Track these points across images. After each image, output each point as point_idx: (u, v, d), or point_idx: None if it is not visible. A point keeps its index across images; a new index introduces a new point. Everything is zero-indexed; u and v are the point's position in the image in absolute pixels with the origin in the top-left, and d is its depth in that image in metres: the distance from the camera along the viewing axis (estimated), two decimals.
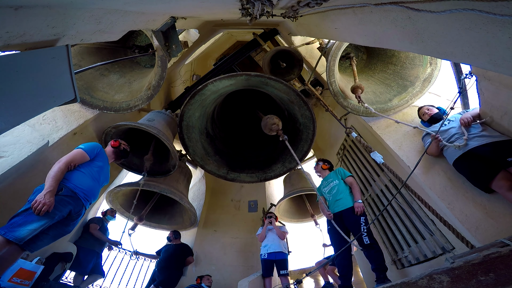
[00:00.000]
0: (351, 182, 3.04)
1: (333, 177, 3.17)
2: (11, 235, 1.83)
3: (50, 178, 2.10)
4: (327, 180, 3.24)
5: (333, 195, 3.00)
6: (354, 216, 2.73)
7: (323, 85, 4.35)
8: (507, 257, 1.11)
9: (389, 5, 1.20)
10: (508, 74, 1.05)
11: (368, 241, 2.54)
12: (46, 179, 2.11)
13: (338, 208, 2.88)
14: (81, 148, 2.43)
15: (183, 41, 4.10)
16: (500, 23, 0.84)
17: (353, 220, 2.72)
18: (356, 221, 2.69)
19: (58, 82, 1.59)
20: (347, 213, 2.79)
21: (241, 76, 2.79)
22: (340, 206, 2.88)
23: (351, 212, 2.77)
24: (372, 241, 2.56)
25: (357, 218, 2.70)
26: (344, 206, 2.85)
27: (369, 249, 2.53)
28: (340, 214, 2.84)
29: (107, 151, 2.70)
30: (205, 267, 5.00)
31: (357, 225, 2.66)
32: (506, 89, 2.05)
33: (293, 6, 1.86)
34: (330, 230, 2.89)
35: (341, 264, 2.73)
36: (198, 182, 6.43)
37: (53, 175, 2.13)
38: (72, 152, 2.38)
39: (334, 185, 3.07)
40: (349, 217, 2.76)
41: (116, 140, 2.79)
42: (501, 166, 2.10)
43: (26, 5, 1.12)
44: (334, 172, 3.27)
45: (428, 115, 2.89)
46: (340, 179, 3.10)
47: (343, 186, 3.02)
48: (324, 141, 5.47)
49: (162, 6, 2.02)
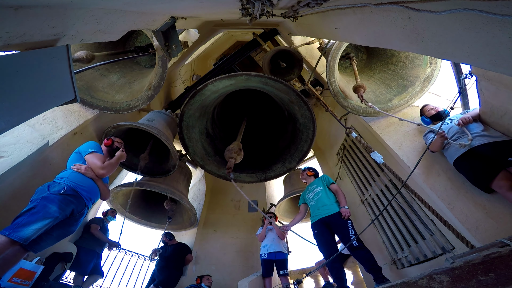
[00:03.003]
0: (335, 189, 3.21)
1: (318, 184, 3.32)
2: (15, 235, 1.83)
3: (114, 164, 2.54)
4: (311, 186, 3.37)
5: (317, 201, 3.15)
6: (342, 220, 2.88)
7: (323, 85, 4.35)
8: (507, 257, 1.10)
9: (389, 5, 1.20)
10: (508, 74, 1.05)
11: (356, 243, 2.64)
12: (110, 170, 2.49)
13: (324, 213, 3.01)
14: (95, 151, 2.50)
15: (183, 41, 4.10)
16: (500, 23, 0.84)
17: (340, 224, 2.87)
18: (343, 225, 2.84)
19: (58, 82, 1.59)
20: (334, 218, 2.94)
21: (241, 76, 2.79)
22: (326, 211, 3.01)
23: (338, 217, 2.91)
24: (360, 244, 2.68)
25: (345, 222, 2.86)
26: (330, 211, 2.99)
27: (359, 250, 2.63)
28: (327, 219, 2.97)
29: (103, 151, 2.71)
30: (205, 267, 5.00)
31: (345, 229, 2.81)
32: (506, 89, 2.05)
33: (293, 6, 1.86)
34: (317, 235, 3.01)
35: (334, 267, 2.82)
36: (198, 182, 6.43)
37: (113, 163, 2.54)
38: (98, 157, 2.50)
39: (318, 191, 3.22)
40: (336, 222, 2.90)
41: (109, 138, 2.78)
42: (501, 166, 2.10)
43: (26, 5, 1.12)
44: (319, 178, 3.43)
45: (435, 111, 2.89)
46: (324, 185, 3.24)
47: (328, 193, 3.17)
48: (324, 141, 5.47)
49: (162, 6, 2.02)
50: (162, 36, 2.88)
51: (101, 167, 2.41)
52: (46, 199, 2.05)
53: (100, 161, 2.44)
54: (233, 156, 2.61)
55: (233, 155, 2.61)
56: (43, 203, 2.02)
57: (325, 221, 2.98)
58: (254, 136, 4.06)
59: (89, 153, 2.46)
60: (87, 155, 2.46)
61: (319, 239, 2.98)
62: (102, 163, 2.44)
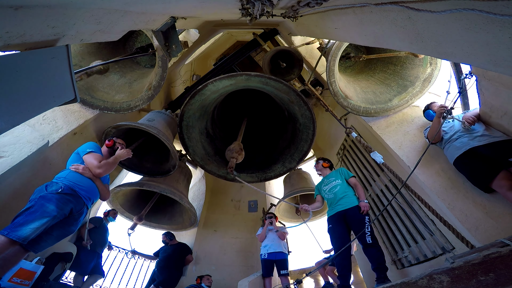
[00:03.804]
0: (355, 183, 3.05)
1: (336, 176, 3.16)
2: (14, 234, 1.84)
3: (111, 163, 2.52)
4: (328, 179, 3.22)
5: (334, 194, 3.01)
6: (360, 215, 2.75)
7: (323, 85, 4.35)
8: (507, 257, 1.10)
9: (389, 5, 1.20)
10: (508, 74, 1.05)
11: (370, 240, 2.56)
12: (107, 169, 2.48)
13: (342, 207, 2.88)
14: (92, 151, 2.49)
15: (183, 41, 4.10)
16: (500, 23, 0.84)
17: (358, 219, 2.74)
18: (361, 220, 2.72)
19: (58, 82, 1.59)
20: (352, 212, 2.80)
21: (241, 76, 2.79)
22: (344, 205, 2.88)
23: (357, 210, 2.79)
24: (374, 241, 2.59)
25: (362, 217, 2.73)
26: (348, 205, 2.86)
27: (371, 248, 2.56)
28: (344, 213, 2.84)
29: (103, 151, 2.70)
30: (205, 267, 5.00)
31: (361, 224, 2.69)
32: (506, 89, 2.05)
33: (293, 6, 1.86)
34: (331, 229, 2.90)
35: (341, 264, 2.73)
36: (198, 182, 6.43)
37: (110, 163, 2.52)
38: (95, 156, 2.48)
39: (336, 184, 3.07)
40: (354, 216, 2.77)
41: (110, 139, 2.78)
42: (501, 166, 2.10)
43: (26, 5, 1.12)
44: (336, 171, 3.26)
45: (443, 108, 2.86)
46: (343, 179, 3.10)
47: (346, 186, 3.03)
48: (324, 141, 5.47)
49: (162, 6, 2.02)
50: (162, 36, 2.87)
51: (97, 166, 2.40)
52: (43, 198, 2.06)
53: (97, 161, 2.43)
54: (234, 155, 2.61)
55: (234, 155, 2.61)
56: (41, 202, 2.03)
57: (342, 214, 2.85)
58: (254, 136, 4.05)
59: (86, 153, 2.46)
60: (84, 155, 2.46)
61: (333, 233, 2.86)
62: (99, 162, 2.43)
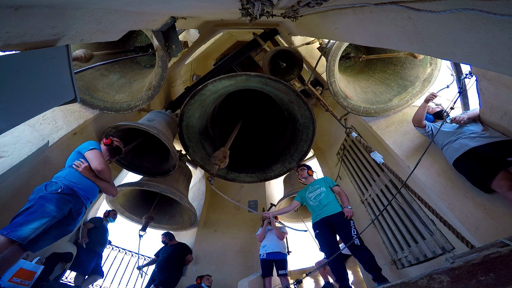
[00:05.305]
0: (339, 191, 3.23)
1: (321, 184, 3.31)
2: (13, 234, 1.84)
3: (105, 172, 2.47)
4: (313, 186, 3.35)
5: (319, 201, 3.16)
6: (344, 220, 2.91)
7: (323, 85, 4.35)
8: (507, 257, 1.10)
9: (389, 5, 1.20)
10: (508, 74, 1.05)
11: (358, 243, 2.68)
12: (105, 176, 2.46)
13: (327, 213, 3.02)
14: (95, 148, 2.49)
15: (183, 41, 4.10)
16: (500, 23, 0.84)
17: (343, 224, 2.89)
18: (346, 224, 2.88)
19: (58, 82, 1.59)
20: (337, 218, 2.96)
21: (241, 76, 2.79)
22: (329, 211, 3.03)
23: (341, 216, 2.94)
24: (362, 243, 2.71)
25: (347, 222, 2.89)
26: (333, 211, 3.01)
27: (361, 250, 2.65)
28: (329, 219, 2.99)
29: (102, 150, 2.70)
30: (205, 267, 5.00)
31: (347, 228, 2.85)
32: (506, 89, 2.05)
33: (293, 6, 1.86)
34: (319, 235, 3.02)
35: (335, 267, 2.81)
36: (198, 182, 6.43)
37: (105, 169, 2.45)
38: (97, 155, 2.46)
39: (321, 191, 3.22)
40: (339, 221, 2.93)
41: (108, 137, 2.77)
42: (501, 166, 2.10)
43: (26, 5, 1.12)
44: (321, 179, 3.42)
45: (440, 108, 2.90)
46: (327, 187, 3.26)
47: (330, 194, 3.20)
48: (324, 141, 5.46)
49: (162, 6, 2.02)
50: (162, 36, 2.88)
51: (102, 162, 2.41)
52: (43, 198, 2.06)
53: (99, 158, 2.42)
54: (217, 162, 2.72)
55: (217, 162, 2.73)
56: (40, 202, 2.03)
57: (327, 220, 2.99)
58: (253, 136, 4.06)
59: (89, 150, 2.45)
60: (87, 152, 2.45)
61: (321, 239, 2.99)
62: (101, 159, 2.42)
